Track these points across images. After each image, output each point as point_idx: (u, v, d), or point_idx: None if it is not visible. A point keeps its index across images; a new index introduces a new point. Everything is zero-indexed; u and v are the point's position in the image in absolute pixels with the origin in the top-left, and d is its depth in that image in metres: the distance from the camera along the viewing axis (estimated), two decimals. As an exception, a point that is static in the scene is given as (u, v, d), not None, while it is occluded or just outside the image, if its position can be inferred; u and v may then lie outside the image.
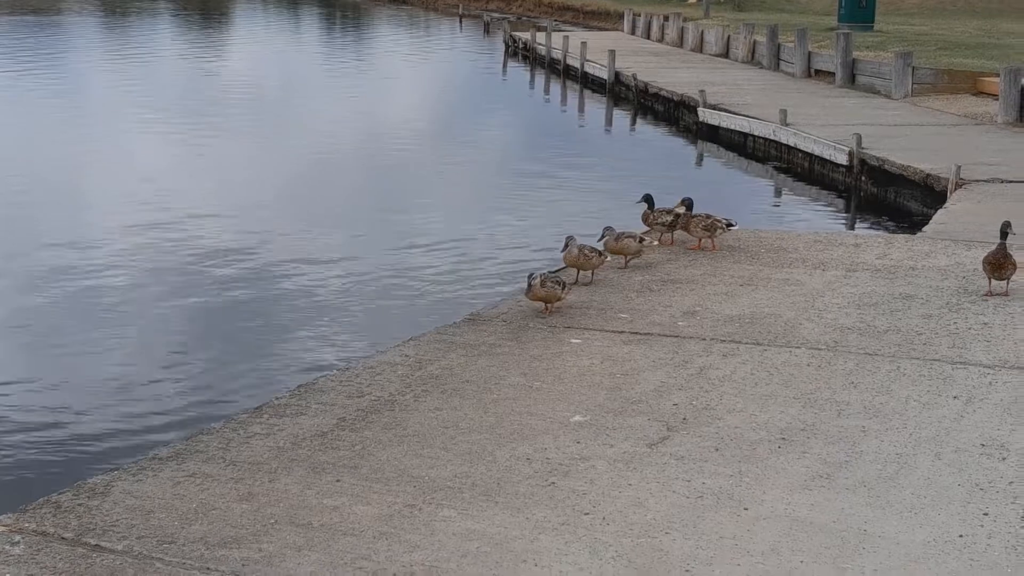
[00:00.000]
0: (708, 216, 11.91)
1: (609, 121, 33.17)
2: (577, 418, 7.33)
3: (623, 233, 11.18)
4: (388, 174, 23.78)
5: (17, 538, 5.62)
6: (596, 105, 35.53)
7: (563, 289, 9.54)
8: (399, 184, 22.64)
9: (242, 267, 15.47)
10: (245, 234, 17.35)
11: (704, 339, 9.03)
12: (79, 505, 6.01)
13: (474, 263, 15.78)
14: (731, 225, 12.01)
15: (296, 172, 23.57)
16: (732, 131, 25.99)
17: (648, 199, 12.22)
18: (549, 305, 9.69)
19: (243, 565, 5.35)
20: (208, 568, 5.32)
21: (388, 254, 16.36)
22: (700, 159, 26.01)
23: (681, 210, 11.94)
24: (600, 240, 10.93)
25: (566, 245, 10.37)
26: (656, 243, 11.99)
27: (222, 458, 6.66)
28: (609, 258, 10.83)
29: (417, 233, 17.74)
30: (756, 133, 24.80)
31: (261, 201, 20.20)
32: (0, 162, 24.32)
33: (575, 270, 10.62)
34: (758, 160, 24.36)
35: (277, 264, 15.65)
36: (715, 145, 26.36)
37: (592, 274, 10.79)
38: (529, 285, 9.46)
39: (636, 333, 9.17)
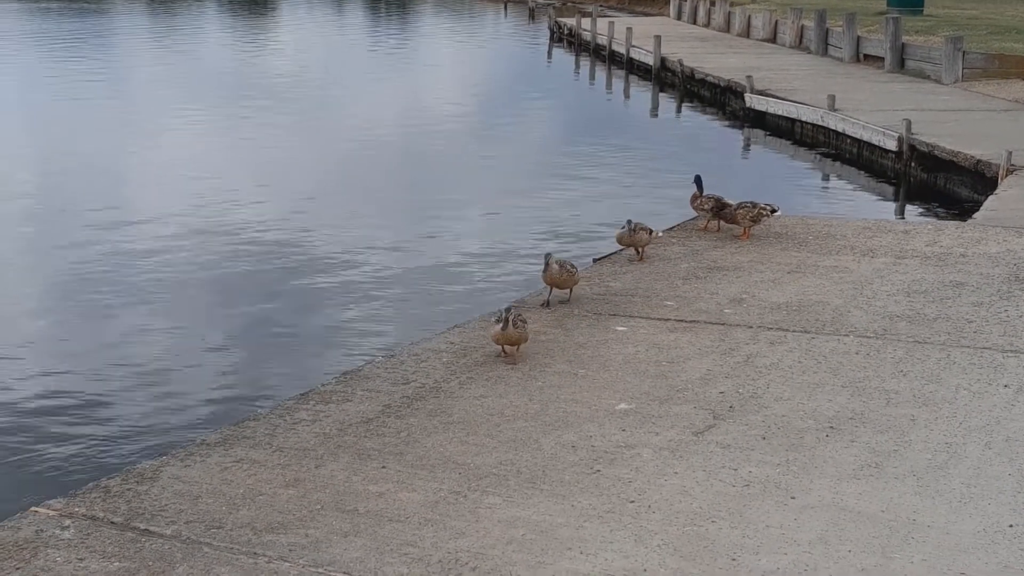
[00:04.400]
0: (755, 205, 11.81)
1: (655, 107, 33.01)
2: (622, 406, 7.31)
3: (638, 225, 10.84)
4: (432, 160, 23.81)
5: (67, 522, 5.69)
6: (642, 91, 35.36)
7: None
8: (443, 170, 22.66)
9: (287, 254, 15.55)
10: (290, 221, 17.44)
11: (751, 327, 8.97)
12: (128, 490, 6.07)
13: (519, 250, 15.76)
14: (774, 211, 11.92)
15: (339, 158, 23.66)
16: (779, 117, 25.78)
17: (697, 180, 12.16)
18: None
19: (290, 550, 5.38)
20: (255, 553, 5.36)
21: (433, 240, 16.38)
22: (747, 145, 25.83)
23: (733, 203, 11.86)
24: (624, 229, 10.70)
25: (546, 265, 9.40)
26: (660, 236, 11.78)
27: (269, 444, 6.70)
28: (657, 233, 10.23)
29: (462, 219, 17.76)
30: (804, 119, 24.59)
31: (305, 188, 20.29)
32: (46, 147, 24.59)
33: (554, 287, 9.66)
34: (806, 146, 24.16)
35: (322, 251, 15.72)
36: (762, 131, 26.16)
37: (571, 292, 9.75)
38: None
39: (682, 320, 9.13)
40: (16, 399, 10.32)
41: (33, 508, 5.86)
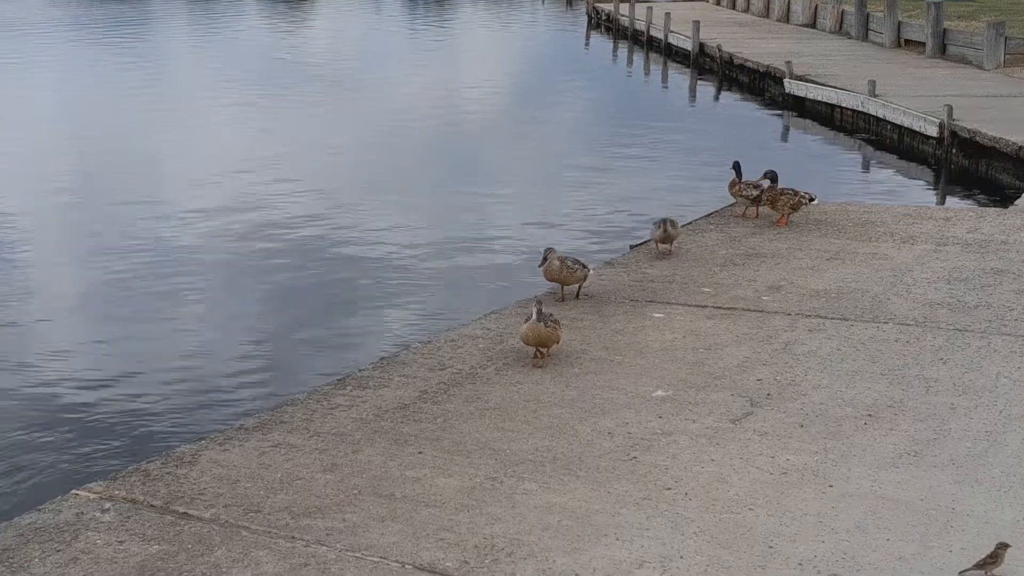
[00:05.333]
0: (796, 193, 11.72)
1: (693, 93, 32.83)
2: (659, 393, 7.29)
3: (667, 219, 10.56)
4: (470, 146, 23.82)
5: (107, 505, 5.75)
6: (680, 77, 35.17)
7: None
8: (481, 156, 22.66)
9: (324, 240, 15.60)
10: (328, 206, 17.50)
11: (789, 314, 8.92)
12: (167, 473, 6.12)
13: (555, 236, 15.72)
14: (812, 199, 11.83)
15: (376, 143, 23.69)
16: (819, 103, 25.57)
17: (736, 167, 12.09)
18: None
19: (327, 535, 5.41)
20: (293, 537, 5.39)
21: (468, 226, 16.38)
22: (786, 131, 25.64)
23: (765, 183, 11.79)
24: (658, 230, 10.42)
25: (544, 259, 9.12)
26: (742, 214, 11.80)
27: (306, 429, 6.74)
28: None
29: (498, 206, 17.74)
30: (844, 105, 24.37)
31: (343, 173, 20.36)
32: (85, 131, 24.79)
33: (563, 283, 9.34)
34: (846, 132, 23.95)
35: (359, 236, 15.76)
36: (801, 117, 25.96)
37: (579, 289, 9.38)
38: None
39: (720, 307, 9.09)
40: (57, 383, 10.43)
41: (74, 491, 5.93)
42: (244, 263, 14.59)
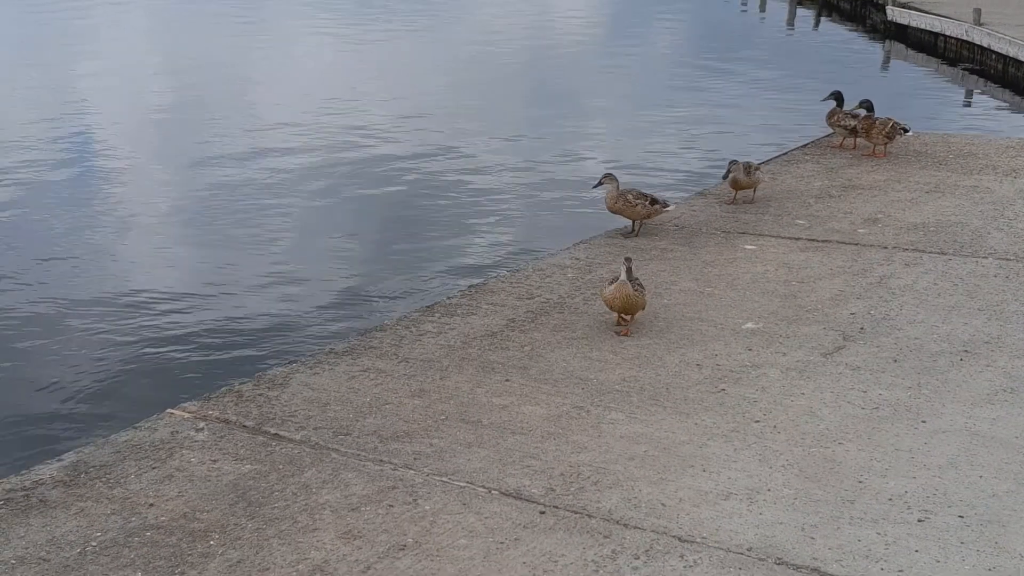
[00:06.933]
0: (890, 119, 11.43)
1: (791, 21, 32.10)
2: (749, 325, 7.21)
3: (746, 164, 9.82)
4: (561, 75, 23.61)
5: (201, 424, 5.86)
6: (778, 4, 34.42)
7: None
8: (571, 85, 22.46)
9: (414, 169, 15.64)
10: (418, 135, 17.52)
11: (886, 247, 8.73)
12: (259, 395, 6.22)
13: (644, 166, 15.58)
14: (906, 130, 11.52)
15: (466, 70, 23.60)
16: (922, 31, 24.87)
17: (837, 96, 11.81)
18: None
19: (415, 459, 5.47)
20: (381, 460, 5.46)
21: (559, 155, 16.29)
22: (887, 60, 25.00)
23: (861, 112, 11.51)
24: (726, 178, 9.75)
25: (600, 182, 8.89)
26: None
27: (395, 354, 6.79)
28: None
29: (586, 137, 17.61)
30: (948, 33, 23.68)
31: (431, 100, 20.33)
32: (175, 59, 25.05)
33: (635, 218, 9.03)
34: (949, 62, 23.30)
35: (448, 166, 15.77)
36: (903, 46, 25.28)
37: (639, 225, 9.06)
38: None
39: (814, 240, 8.93)
40: (153, 306, 10.65)
41: (169, 410, 6.05)
42: (336, 190, 14.70)
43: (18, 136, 17.87)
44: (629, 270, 6.90)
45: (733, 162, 9.84)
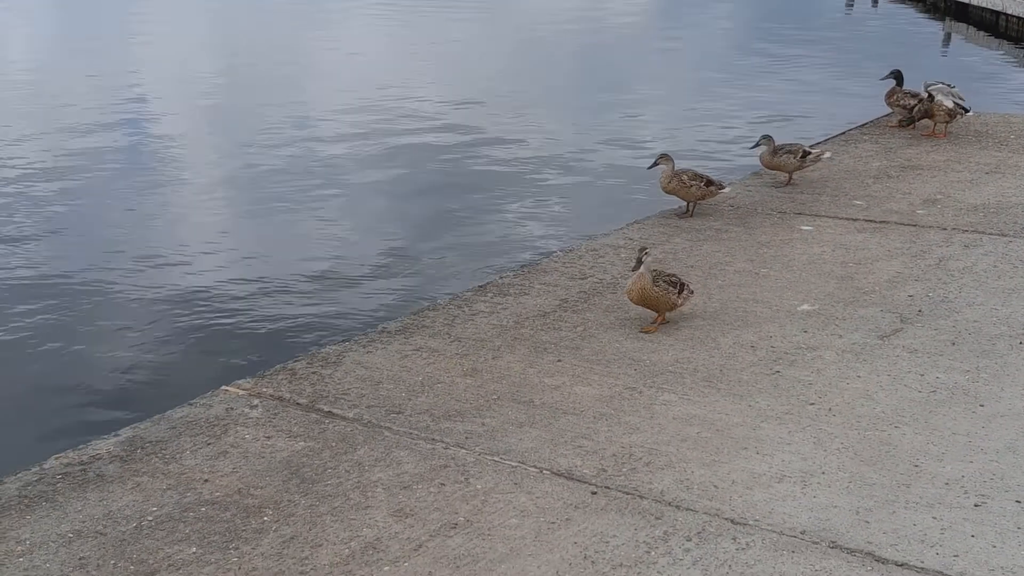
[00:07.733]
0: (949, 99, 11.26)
1: (850, 0, 31.71)
2: (805, 307, 7.14)
3: (783, 146, 9.62)
4: (613, 59, 23.48)
5: (256, 402, 5.91)
6: (836, -17, 33.97)
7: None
8: (625, 69, 22.32)
9: (468, 152, 15.63)
10: (471, 120, 17.50)
11: (945, 228, 8.61)
12: (313, 373, 6.25)
13: (699, 147, 15.47)
14: (966, 111, 11.34)
15: (519, 49, 23.53)
16: (983, 9, 24.46)
17: (897, 75, 11.65)
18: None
19: (466, 438, 5.47)
20: (433, 439, 5.47)
21: (613, 138, 16.21)
22: (947, 39, 24.62)
23: (924, 93, 11.34)
24: (754, 147, 9.63)
25: (655, 163, 8.79)
26: (895, 125, 11.30)
27: (447, 334, 6.80)
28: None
29: (643, 116, 17.50)
30: (1009, 12, 23.27)
31: (483, 79, 20.29)
32: (220, 42, 25.21)
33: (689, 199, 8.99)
34: (1011, 40, 22.89)
35: (502, 149, 15.74)
36: (964, 24, 24.88)
37: (693, 206, 8.99)
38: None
39: (871, 221, 8.83)
40: (209, 284, 10.74)
41: (224, 387, 6.11)
42: (390, 172, 14.73)
43: (79, 119, 18.08)
44: (640, 261, 6.57)
45: (764, 136, 9.66)
